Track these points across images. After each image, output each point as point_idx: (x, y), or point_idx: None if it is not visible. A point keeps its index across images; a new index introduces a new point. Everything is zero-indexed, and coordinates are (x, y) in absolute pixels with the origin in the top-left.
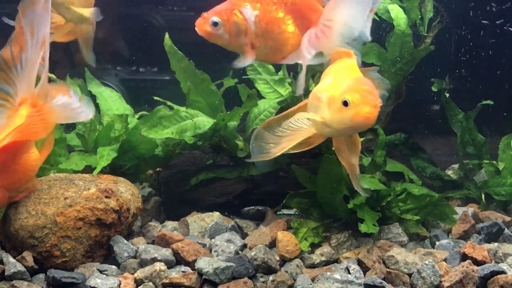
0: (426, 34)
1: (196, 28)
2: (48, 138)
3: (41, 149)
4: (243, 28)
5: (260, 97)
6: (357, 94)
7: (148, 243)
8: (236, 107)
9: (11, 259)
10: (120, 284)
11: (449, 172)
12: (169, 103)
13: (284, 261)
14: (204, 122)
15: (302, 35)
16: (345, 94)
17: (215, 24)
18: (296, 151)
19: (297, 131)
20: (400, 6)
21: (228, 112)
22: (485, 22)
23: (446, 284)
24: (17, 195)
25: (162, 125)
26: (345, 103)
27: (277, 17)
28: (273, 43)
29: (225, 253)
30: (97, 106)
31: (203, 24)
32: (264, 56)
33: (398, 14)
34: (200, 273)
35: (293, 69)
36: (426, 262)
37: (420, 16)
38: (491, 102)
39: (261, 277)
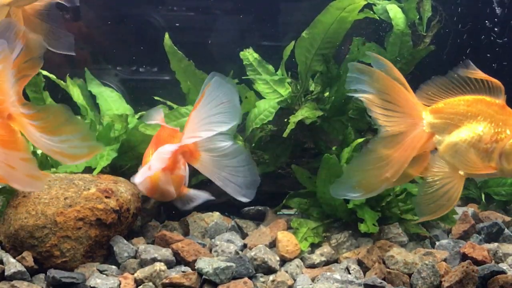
0: (425, 34)
1: None
2: None
3: None
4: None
5: (260, 97)
6: None
7: (148, 243)
8: None
9: (11, 259)
10: (120, 284)
11: None
12: (169, 102)
13: (284, 261)
14: None
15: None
16: None
17: None
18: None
19: (450, 184)
20: (399, 6)
21: None
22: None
23: (446, 284)
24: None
25: None
26: None
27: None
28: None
29: (225, 253)
30: (97, 106)
31: None
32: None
33: (396, 14)
34: (200, 273)
35: (293, 69)
36: (426, 262)
37: (418, 16)
38: None
39: (261, 277)
